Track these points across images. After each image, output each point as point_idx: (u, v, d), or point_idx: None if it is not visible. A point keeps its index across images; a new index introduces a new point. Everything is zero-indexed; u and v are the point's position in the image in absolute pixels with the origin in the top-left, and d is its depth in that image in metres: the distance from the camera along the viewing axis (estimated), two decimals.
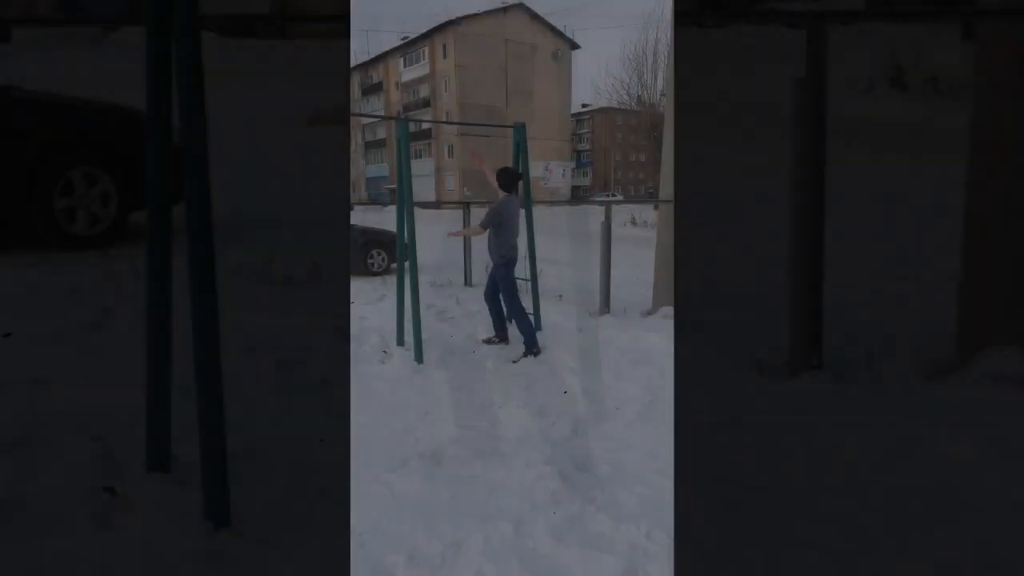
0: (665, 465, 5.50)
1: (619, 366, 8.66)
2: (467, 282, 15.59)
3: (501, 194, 9.66)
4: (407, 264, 9.55)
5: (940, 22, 17.22)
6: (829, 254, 6.65)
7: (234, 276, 8.43)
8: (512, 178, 9.77)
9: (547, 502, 5.30)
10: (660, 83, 48.19)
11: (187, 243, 4.02)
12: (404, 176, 9.55)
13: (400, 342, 9.70)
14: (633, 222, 30.82)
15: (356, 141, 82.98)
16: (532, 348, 9.27)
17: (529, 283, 10.79)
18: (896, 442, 5.16)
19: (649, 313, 11.73)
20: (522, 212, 10.48)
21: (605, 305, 11.82)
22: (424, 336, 9.35)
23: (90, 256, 8.88)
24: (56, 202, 9.94)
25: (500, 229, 9.64)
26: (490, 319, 10.03)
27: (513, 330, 9.87)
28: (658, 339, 9.31)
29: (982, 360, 6.31)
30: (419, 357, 9.06)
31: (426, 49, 75.25)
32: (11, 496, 4.49)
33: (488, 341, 9.86)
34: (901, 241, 8.37)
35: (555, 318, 10.85)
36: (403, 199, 9.56)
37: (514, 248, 9.77)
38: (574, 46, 78.56)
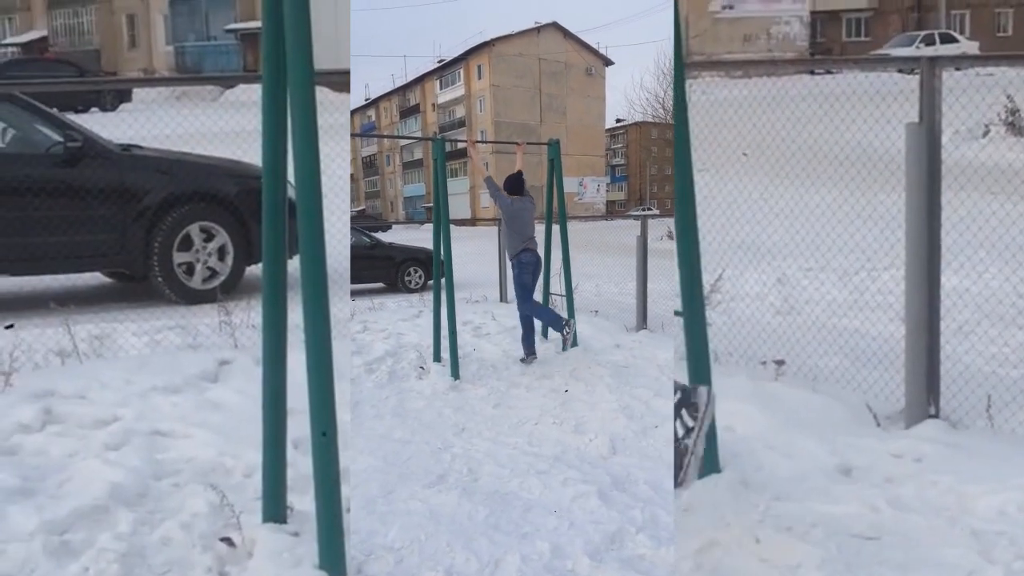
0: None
1: (658, 382, 8.54)
2: (502, 298, 15.61)
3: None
4: (443, 281, 9.67)
5: None
6: (946, 301, 6.54)
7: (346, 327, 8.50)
8: (515, 182, 9.90)
9: (585, 521, 5.26)
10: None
11: (301, 296, 4.07)
12: (440, 195, 9.70)
13: (437, 358, 9.74)
14: (670, 236, 30.42)
15: (395, 162, 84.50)
16: (562, 328, 9.36)
17: (564, 298, 10.81)
18: (1019, 492, 5.03)
19: None
20: (550, 227, 10.63)
21: (642, 320, 11.70)
22: (460, 352, 9.39)
23: (208, 309, 9.03)
24: (175, 256, 10.19)
25: (506, 229, 9.82)
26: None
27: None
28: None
29: None
30: (455, 373, 9.10)
31: (461, 71, 76.40)
32: (132, 547, 4.58)
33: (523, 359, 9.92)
34: (1018, 287, 8.21)
35: (591, 333, 10.78)
36: (439, 218, 9.70)
37: (517, 247, 9.87)
38: (608, 62, 79.23)
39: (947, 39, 39.88)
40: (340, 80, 14.32)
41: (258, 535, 4.56)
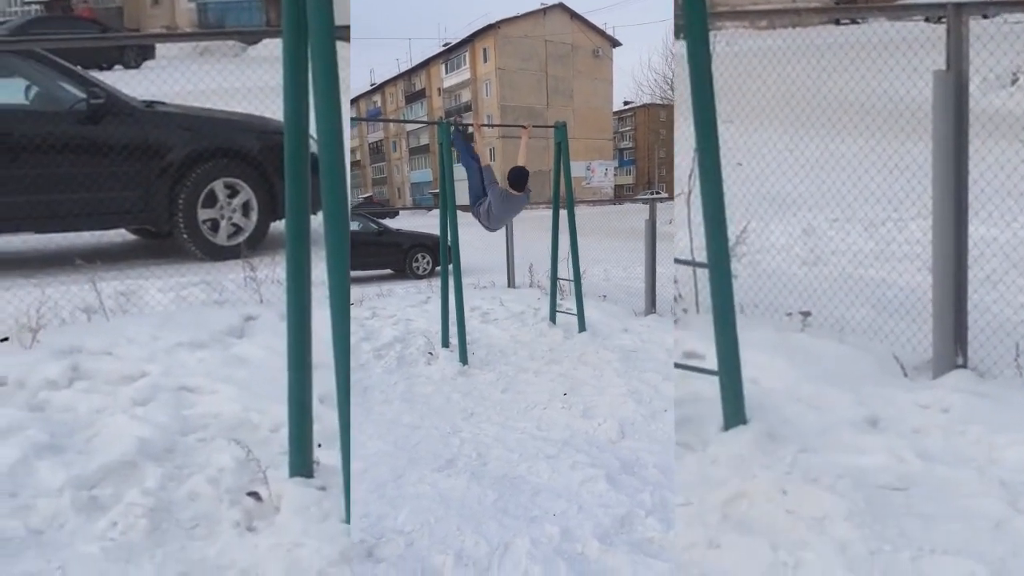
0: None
1: (666, 367, 8.51)
2: (510, 283, 15.58)
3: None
4: (451, 267, 9.65)
5: None
6: (973, 250, 6.49)
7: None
8: (517, 177, 9.56)
9: (594, 505, 5.25)
10: None
11: (326, 251, 4.06)
12: (447, 180, 9.62)
13: (445, 344, 9.72)
14: None
15: (401, 148, 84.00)
16: None
17: (572, 283, 10.74)
18: None
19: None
20: (557, 211, 10.53)
21: (651, 305, 11.66)
22: (468, 338, 9.39)
23: (233, 265, 9.05)
24: (200, 213, 10.21)
25: (484, 210, 9.37)
26: None
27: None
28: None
29: None
30: (464, 358, 9.09)
31: (467, 54, 75.53)
32: (160, 502, 4.61)
33: None
34: None
35: (599, 318, 10.74)
36: (446, 203, 9.65)
37: (485, 222, 9.35)
38: (615, 43, 77.19)
39: None
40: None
41: (285, 490, 4.59)
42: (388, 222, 23.75)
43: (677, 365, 6.11)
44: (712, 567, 4.12)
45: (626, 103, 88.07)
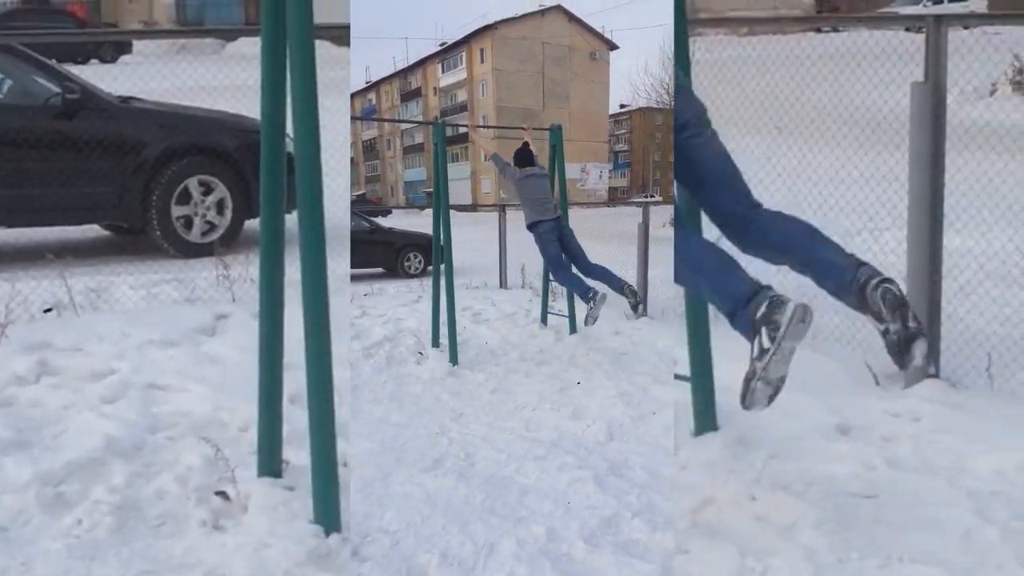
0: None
1: (656, 369, 8.56)
2: (502, 284, 15.63)
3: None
4: (443, 266, 9.66)
5: None
6: (948, 261, 6.51)
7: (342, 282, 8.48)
8: (523, 155, 9.78)
9: (581, 506, 5.26)
10: None
11: (300, 251, 4.03)
12: (440, 180, 9.69)
13: (435, 343, 9.75)
14: (672, 223, 30.72)
15: (395, 147, 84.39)
16: (588, 298, 9.13)
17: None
18: (1016, 453, 5.02)
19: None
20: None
21: (643, 308, 11.72)
22: (459, 338, 9.40)
23: (206, 263, 9.01)
24: (173, 210, 10.16)
25: (520, 202, 9.63)
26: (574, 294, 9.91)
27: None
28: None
29: None
30: (454, 359, 9.11)
31: (464, 54, 76.35)
32: (126, 500, 4.57)
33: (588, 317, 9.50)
34: (1022, 247, 8.18)
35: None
36: (439, 202, 9.68)
37: (531, 218, 9.55)
38: (612, 46, 78.93)
39: None
40: (340, 34, 14.22)
41: (253, 489, 4.55)
42: (381, 220, 23.75)
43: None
44: (680, 572, 4.12)
45: (622, 106, 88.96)
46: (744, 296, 3.92)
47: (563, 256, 9.48)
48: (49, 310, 7.33)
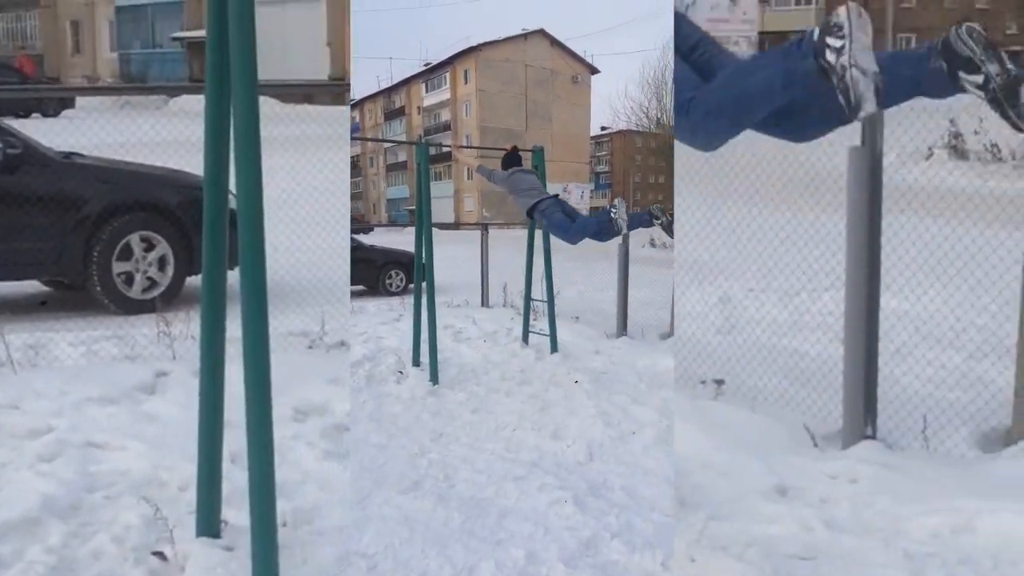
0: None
1: (636, 389, 8.65)
2: (484, 302, 15.67)
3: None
4: (424, 285, 9.69)
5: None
6: (885, 323, 6.59)
7: (288, 340, 8.48)
8: (511, 157, 9.67)
9: (560, 528, 5.28)
10: None
11: (242, 308, 4.03)
12: (423, 199, 9.73)
13: (416, 362, 9.76)
14: (652, 243, 31.26)
15: (378, 164, 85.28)
16: (609, 217, 8.64)
17: (545, 304, 10.84)
18: (952, 515, 5.07)
19: (667, 336, 11.68)
20: (532, 232, 10.72)
21: (622, 327, 11.79)
22: (440, 356, 9.41)
23: (147, 320, 8.96)
24: (114, 266, 10.10)
25: (512, 198, 9.40)
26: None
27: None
28: (675, 362, 9.26)
29: None
30: (434, 378, 9.12)
31: (447, 74, 77.79)
32: (63, 560, 4.51)
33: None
34: (956, 310, 8.31)
35: (571, 340, 10.87)
36: (421, 221, 9.73)
37: (530, 203, 9.04)
38: (593, 70, 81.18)
39: None
40: (285, 91, 14.26)
41: (191, 549, 4.51)
42: (362, 238, 23.71)
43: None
44: None
45: (603, 128, 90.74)
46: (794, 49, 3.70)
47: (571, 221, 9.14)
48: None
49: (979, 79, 3.45)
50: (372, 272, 20.32)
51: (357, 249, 20.62)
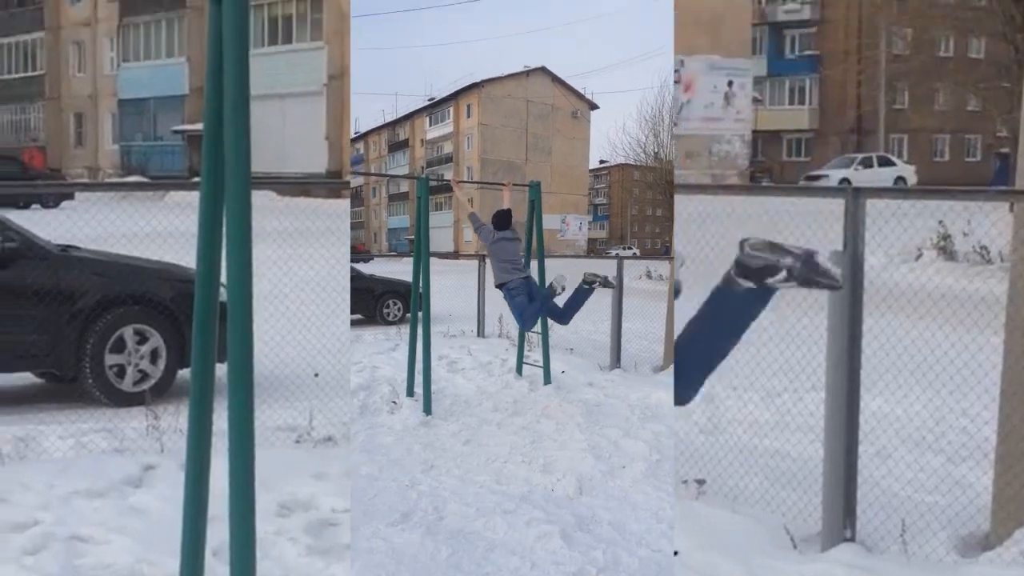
0: (669, 528, 5.55)
1: (628, 422, 8.74)
2: (480, 333, 15.73)
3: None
4: (420, 315, 9.80)
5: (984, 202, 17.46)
6: (865, 424, 6.66)
7: (276, 434, 8.53)
8: (501, 218, 10.04)
9: (547, 562, 5.32)
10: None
11: (228, 402, 4.09)
12: (423, 230, 9.91)
13: (410, 393, 9.81)
14: (648, 275, 31.51)
15: (380, 194, 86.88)
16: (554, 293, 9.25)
17: (540, 335, 10.93)
18: None
19: (660, 369, 11.73)
20: (528, 264, 10.80)
21: (616, 360, 11.82)
22: (434, 387, 9.48)
23: (136, 413, 9.03)
24: (107, 359, 10.17)
25: (490, 261, 9.92)
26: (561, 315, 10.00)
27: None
28: (668, 396, 9.36)
29: (1020, 538, 6.24)
30: (428, 408, 9.17)
31: (451, 109, 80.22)
32: None
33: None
34: (938, 412, 8.39)
35: (565, 371, 10.90)
36: (420, 252, 9.87)
37: (502, 278, 9.78)
38: (593, 106, 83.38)
39: (885, 162, 40.46)
40: (283, 185, 14.44)
41: None
42: (361, 267, 23.79)
43: None
44: None
45: (602, 162, 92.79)
46: None
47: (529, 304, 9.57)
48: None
49: (783, 275, 3.88)
50: (370, 301, 20.43)
51: (356, 278, 20.70)
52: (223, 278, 4.30)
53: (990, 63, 35.91)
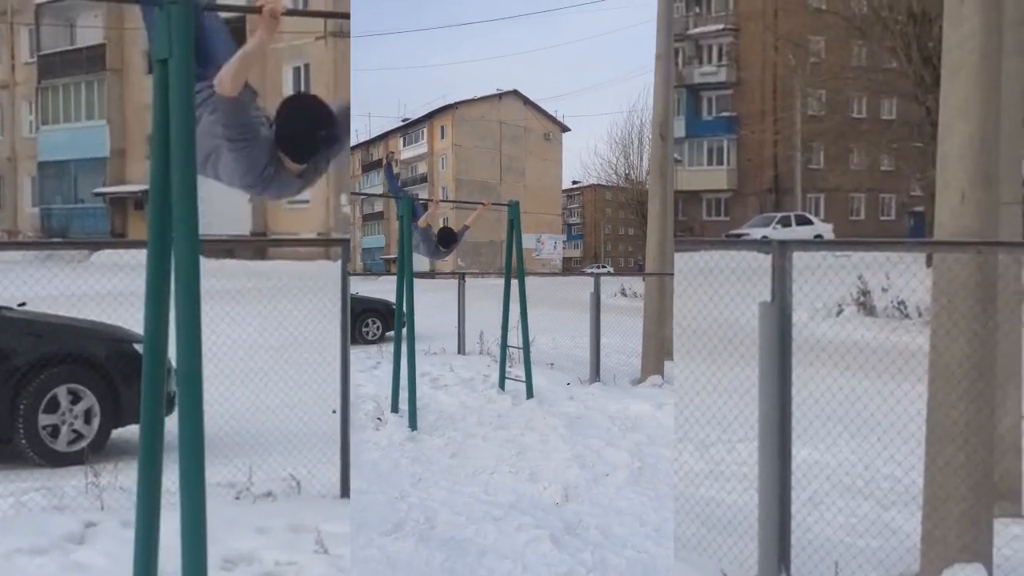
0: (653, 530, 5.68)
1: (609, 433, 8.85)
2: (460, 350, 15.81)
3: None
4: (403, 332, 9.83)
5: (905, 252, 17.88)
6: (797, 472, 6.81)
7: (215, 490, 8.53)
8: (443, 236, 10.54)
9: (538, 564, 5.42)
10: (646, 164, 49.95)
11: (179, 461, 4.13)
12: (404, 249, 9.98)
13: (395, 409, 9.84)
14: (623, 293, 31.78)
15: (355, 214, 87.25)
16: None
17: (521, 351, 11.06)
18: None
19: (637, 381, 11.88)
20: (508, 282, 11.15)
21: (595, 373, 11.98)
22: (418, 403, 9.54)
23: (75, 471, 8.97)
24: (40, 419, 10.07)
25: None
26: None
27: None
28: (646, 407, 9.50)
29: None
30: (413, 424, 9.19)
31: (425, 130, 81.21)
32: None
33: None
34: (866, 459, 8.59)
35: (546, 385, 11.04)
36: (403, 271, 9.91)
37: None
38: (564, 129, 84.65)
39: (803, 220, 41.14)
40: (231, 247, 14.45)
41: None
42: None
43: None
44: None
45: (574, 183, 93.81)
46: None
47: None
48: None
49: None
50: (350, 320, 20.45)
51: None
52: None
53: (902, 123, 36.64)
